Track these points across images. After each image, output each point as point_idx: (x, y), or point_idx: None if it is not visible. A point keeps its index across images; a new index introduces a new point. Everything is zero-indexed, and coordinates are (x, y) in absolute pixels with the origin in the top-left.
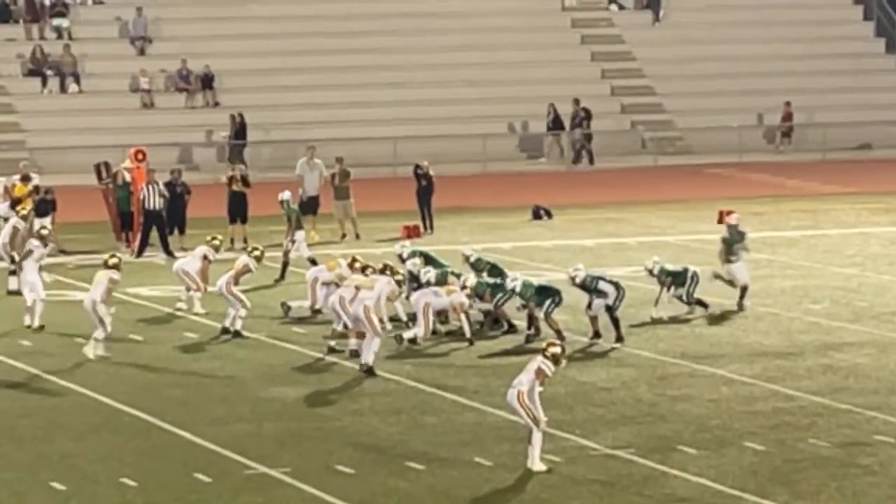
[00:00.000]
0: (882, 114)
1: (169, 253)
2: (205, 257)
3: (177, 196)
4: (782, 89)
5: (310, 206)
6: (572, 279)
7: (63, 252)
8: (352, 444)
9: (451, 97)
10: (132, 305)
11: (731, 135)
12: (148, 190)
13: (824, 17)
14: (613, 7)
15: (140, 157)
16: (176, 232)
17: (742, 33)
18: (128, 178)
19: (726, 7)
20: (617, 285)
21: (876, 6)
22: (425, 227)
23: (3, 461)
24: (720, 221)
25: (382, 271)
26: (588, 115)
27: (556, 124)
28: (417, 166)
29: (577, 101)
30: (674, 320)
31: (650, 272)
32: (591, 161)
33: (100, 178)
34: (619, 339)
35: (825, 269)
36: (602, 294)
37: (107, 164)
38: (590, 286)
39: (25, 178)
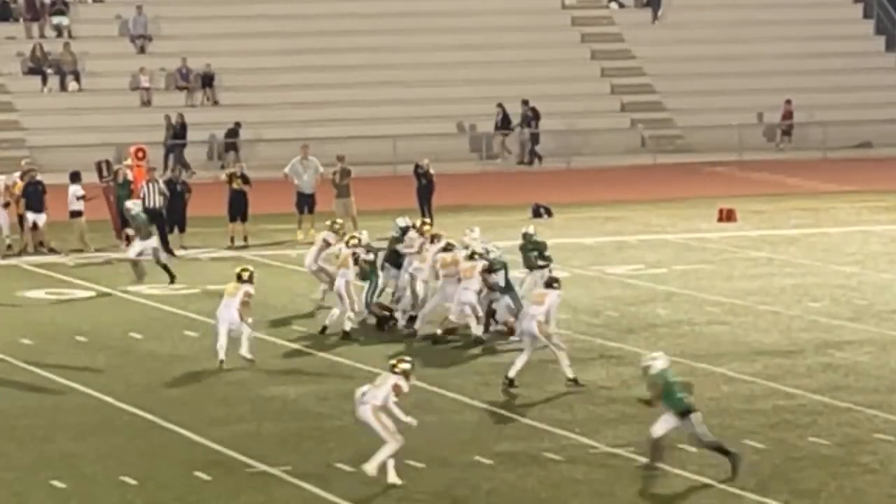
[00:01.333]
0: (882, 112)
1: (168, 251)
2: (325, 241)
3: (177, 194)
4: (782, 88)
5: (305, 204)
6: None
7: (52, 251)
8: (352, 443)
9: (451, 96)
10: (132, 304)
11: (730, 133)
12: (148, 188)
13: (824, 16)
14: (613, 5)
15: (141, 155)
16: (176, 230)
17: (742, 32)
18: (129, 176)
19: (726, 6)
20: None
21: (875, 5)
22: None
23: (3, 461)
24: (721, 220)
25: (550, 285)
26: (536, 116)
27: (504, 124)
28: (418, 165)
29: (525, 102)
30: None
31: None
32: (536, 161)
33: (101, 176)
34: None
35: (825, 267)
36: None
37: (108, 163)
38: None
39: (24, 175)
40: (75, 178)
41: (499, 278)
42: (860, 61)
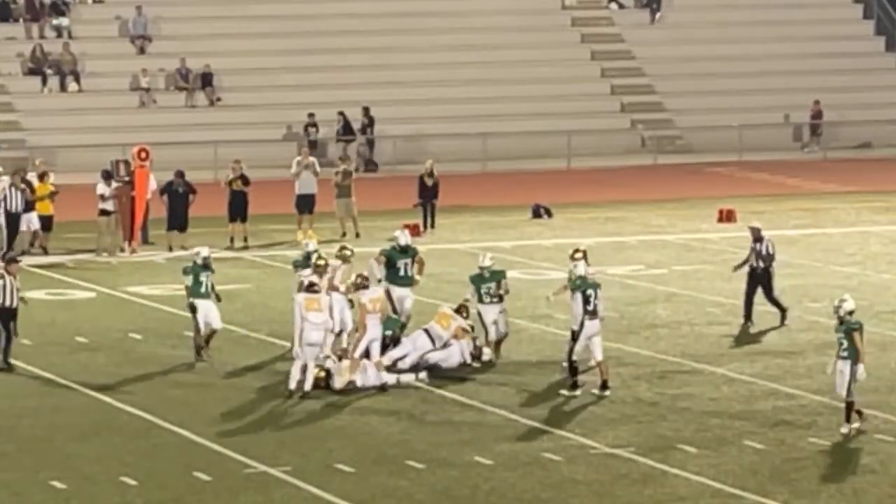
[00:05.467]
0: (882, 112)
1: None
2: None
3: (179, 196)
4: (782, 88)
5: (305, 204)
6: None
7: (45, 252)
8: (352, 444)
9: (452, 96)
10: (132, 304)
11: (730, 133)
12: (10, 192)
13: (824, 16)
14: (613, 6)
15: (143, 156)
16: (177, 231)
17: (741, 32)
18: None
19: (726, 6)
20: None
21: (876, 5)
22: (426, 226)
23: (3, 461)
24: (721, 220)
25: None
26: (371, 123)
27: (346, 131)
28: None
29: (365, 109)
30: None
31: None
32: (374, 169)
33: (111, 176)
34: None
35: (825, 267)
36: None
37: (126, 163)
38: None
39: (41, 176)
40: (105, 176)
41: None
42: (860, 61)
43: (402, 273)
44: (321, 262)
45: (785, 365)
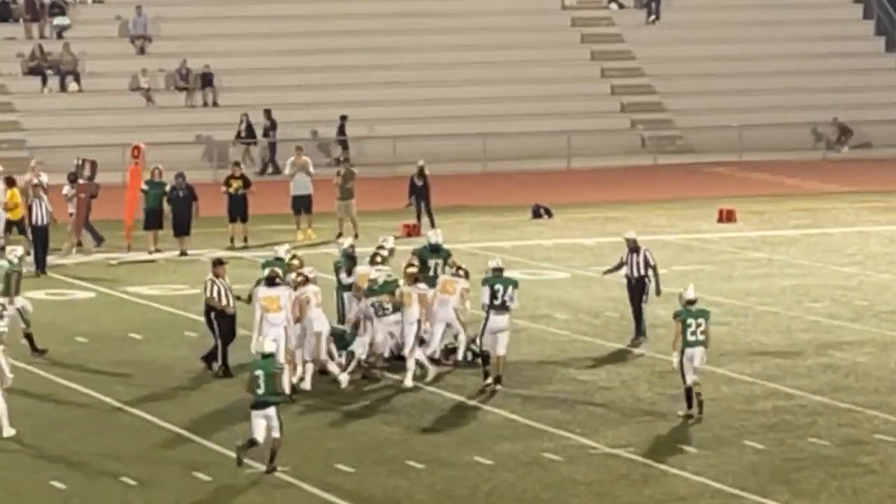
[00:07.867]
0: (882, 112)
1: (42, 270)
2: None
3: (180, 200)
4: (781, 88)
5: (301, 205)
6: None
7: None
8: (352, 444)
9: (452, 96)
10: (132, 304)
11: (730, 134)
12: (38, 205)
13: (824, 16)
14: (613, 6)
15: (136, 153)
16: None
17: (741, 32)
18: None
19: (726, 6)
20: None
21: (876, 5)
22: (419, 223)
23: (3, 461)
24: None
25: None
26: (273, 126)
27: (248, 133)
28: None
29: (267, 112)
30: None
31: None
32: (276, 171)
33: (76, 175)
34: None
35: (825, 267)
36: None
37: (93, 163)
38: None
39: (10, 182)
40: (71, 179)
41: None
42: (860, 61)
43: (432, 273)
44: (295, 263)
45: (785, 365)
